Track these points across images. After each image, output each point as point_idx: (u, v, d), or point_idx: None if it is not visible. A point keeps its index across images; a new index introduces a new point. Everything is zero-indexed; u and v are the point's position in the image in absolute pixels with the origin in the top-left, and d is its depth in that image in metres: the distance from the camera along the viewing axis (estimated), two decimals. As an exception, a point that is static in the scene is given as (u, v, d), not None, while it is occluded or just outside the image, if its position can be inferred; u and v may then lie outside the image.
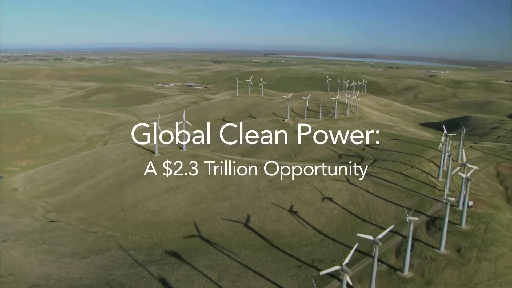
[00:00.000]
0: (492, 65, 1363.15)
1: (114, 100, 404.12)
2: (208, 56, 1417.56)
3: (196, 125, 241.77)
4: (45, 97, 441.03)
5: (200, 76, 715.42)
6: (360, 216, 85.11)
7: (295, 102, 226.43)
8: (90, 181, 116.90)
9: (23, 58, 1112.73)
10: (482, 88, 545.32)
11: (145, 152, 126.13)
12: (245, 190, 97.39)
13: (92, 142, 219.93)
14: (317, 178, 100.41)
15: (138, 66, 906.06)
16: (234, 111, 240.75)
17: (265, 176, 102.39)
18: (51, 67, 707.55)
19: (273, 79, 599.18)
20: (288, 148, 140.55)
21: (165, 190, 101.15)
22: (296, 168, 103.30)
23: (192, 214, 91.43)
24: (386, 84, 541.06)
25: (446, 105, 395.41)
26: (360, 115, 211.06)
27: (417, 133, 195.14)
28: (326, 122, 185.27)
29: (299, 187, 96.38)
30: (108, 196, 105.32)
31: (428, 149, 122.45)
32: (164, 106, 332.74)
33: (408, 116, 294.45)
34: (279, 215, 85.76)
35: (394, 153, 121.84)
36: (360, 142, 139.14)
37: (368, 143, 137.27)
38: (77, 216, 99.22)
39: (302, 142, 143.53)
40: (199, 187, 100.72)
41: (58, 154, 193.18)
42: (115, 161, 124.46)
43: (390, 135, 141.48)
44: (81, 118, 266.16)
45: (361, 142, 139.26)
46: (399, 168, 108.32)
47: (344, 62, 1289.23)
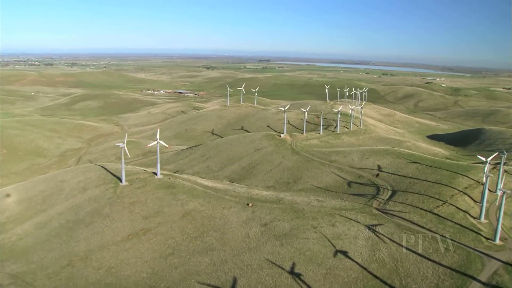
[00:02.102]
0: (486, 72, 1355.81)
1: (98, 108, 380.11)
2: (202, 62, 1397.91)
3: (181, 138, 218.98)
4: (27, 104, 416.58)
5: (192, 83, 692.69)
6: (387, 282, 61.90)
7: (292, 113, 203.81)
8: (40, 217, 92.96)
9: (14, 63, 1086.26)
10: (483, 96, 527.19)
11: (111, 179, 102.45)
12: (231, 238, 73.90)
13: (64, 157, 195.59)
14: (325, 220, 77.24)
15: (129, 72, 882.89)
16: (224, 122, 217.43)
17: (258, 217, 79.14)
18: (38, 72, 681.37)
19: (267, 85, 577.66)
20: (285, 172, 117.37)
21: (128, 235, 77.45)
22: (297, 207, 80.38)
23: (159, 274, 67.81)
24: (385, 91, 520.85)
25: (449, 115, 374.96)
26: (365, 128, 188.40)
27: (430, 150, 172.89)
28: (328, 137, 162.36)
29: (303, 234, 73.09)
30: (56, 241, 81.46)
31: (458, 176, 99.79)
32: (150, 116, 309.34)
33: (412, 127, 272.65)
34: (277, 280, 62.31)
35: (417, 182, 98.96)
36: (372, 164, 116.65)
37: (382, 166, 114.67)
38: (10, 270, 75.26)
39: (302, 165, 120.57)
40: (172, 232, 77.10)
41: (22, 173, 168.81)
42: (74, 190, 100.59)
43: (407, 157, 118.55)
44: (56, 129, 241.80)
45: (373, 164, 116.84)
46: (427, 204, 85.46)
47: (339, 68, 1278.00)
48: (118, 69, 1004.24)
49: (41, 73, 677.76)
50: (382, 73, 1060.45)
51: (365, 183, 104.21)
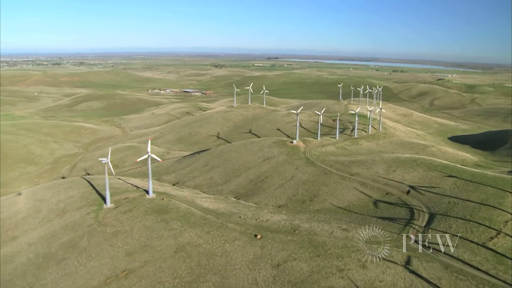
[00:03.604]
0: (498, 68, 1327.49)
1: (101, 109, 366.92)
2: (210, 60, 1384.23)
3: (185, 142, 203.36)
4: (29, 105, 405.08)
5: (199, 82, 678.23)
6: None
7: (304, 115, 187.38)
8: (8, 248, 78.01)
9: (22, 63, 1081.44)
10: (500, 93, 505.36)
11: (95, 199, 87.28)
12: (234, 285, 58.18)
13: (58, 165, 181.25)
14: (353, 259, 61.13)
15: (136, 71, 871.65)
16: (231, 125, 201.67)
17: (268, 255, 63.26)
18: (42, 72, 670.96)
19: (276, 84, 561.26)
20: (300, 187, 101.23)
21: (106, 279, 62.04)
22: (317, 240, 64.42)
23: (141, 335, 52.64)
24: (398, 89, 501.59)
25: (467, 113, 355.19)
26: (385, 131, 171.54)
27: (457, 155, 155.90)
28: (345, 143, 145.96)
29: (326, 280, 57.06)
30: (20, 283, 66.22)
31: (507, 195, 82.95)
32: (153, 117, 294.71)
33: (432, 128, 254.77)
34: None
35: (458, 202, 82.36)
36: (401, 178, 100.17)
37: (412, 180, 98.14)
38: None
39: (319, 178, 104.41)
40: (161, 275, 61.53)
41: (9, 183, 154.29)
42: (52, 213, 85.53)
43: (441, 168, 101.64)
44: (53, 133, 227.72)
45: (402, 177, 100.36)
46: (478, 235, 68.97)
47: (348, 65, 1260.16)
48: (125, 68, 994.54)
49: (46, 73, 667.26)
50: (392, 70, 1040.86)
51: (394, 202, 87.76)
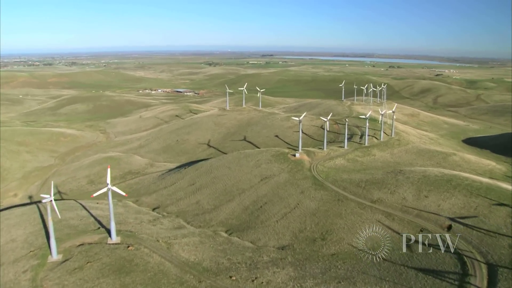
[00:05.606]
0: (492, 62, 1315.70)
1: (86, 112, 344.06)
2: (204, 59, 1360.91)
3: (171, 152, 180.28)
4: (11, 109, 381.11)
5: (193, 80, 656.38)
6: None
7: (305, 119, 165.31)
8: None
9: (13, 64, 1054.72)
10: (504, 88, 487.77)
11: (41, 244, 65.95)
12: None
13: (28, 180, 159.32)
14: None
15: (128, 71, 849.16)
16: (223, 131, 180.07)
17: None
18: (29, 73, 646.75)
19: (272, 82, 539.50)
20: (307, 219, 79.83)
21: None
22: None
23: None
24: (399, 86, 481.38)
25: (474, 111, 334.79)
26: (398, 137, 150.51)
27: (483, 165, 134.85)
28: (356, 154, 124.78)
29: None
30: None
31: None
32: (140, 121, 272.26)
33: (442, 129, 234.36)
34: None
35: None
36: (436, 207, 79.11)
37: (452, 210, 77.18)
38: None
39: (331, 207, 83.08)
40: None
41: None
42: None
43: (484, 193, 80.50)
44: (27, 141, 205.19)
45: (437, 206, 79.30)
46: None
47: (344, 62, 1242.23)
48: (117, 67, 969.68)
49: (33, 74, 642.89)
50: (388, 65, 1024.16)
51: (435, 245, 66.71)
